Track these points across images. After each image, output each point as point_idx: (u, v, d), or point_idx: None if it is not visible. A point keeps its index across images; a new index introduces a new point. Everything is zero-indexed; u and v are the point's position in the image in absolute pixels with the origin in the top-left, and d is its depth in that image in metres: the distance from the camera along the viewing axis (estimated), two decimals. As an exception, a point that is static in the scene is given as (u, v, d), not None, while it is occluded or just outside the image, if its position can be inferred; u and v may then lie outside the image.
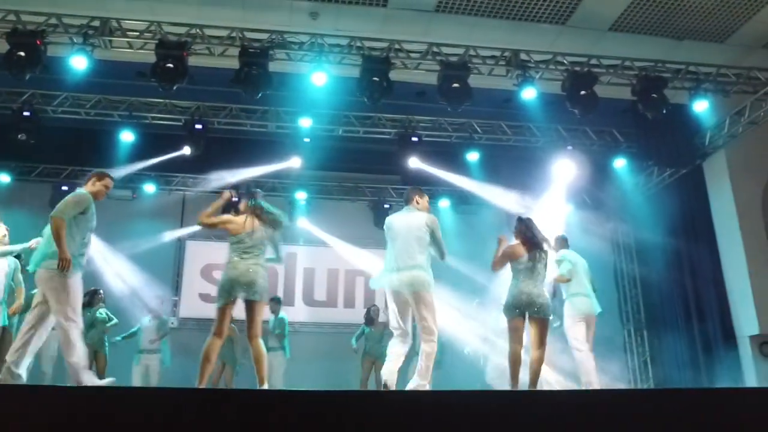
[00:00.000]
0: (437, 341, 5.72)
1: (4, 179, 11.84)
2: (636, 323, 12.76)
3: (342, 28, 9.11)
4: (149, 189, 12.40)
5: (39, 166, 12.00)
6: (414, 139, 11.19)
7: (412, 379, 5.72)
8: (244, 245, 5.63)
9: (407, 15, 8.92)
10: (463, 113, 10.30)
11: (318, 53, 8.95)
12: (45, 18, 8.44)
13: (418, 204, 6.08)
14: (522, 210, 10.26)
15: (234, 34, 8.84)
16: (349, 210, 13.20)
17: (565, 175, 11.53)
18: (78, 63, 8.35)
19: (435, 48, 9.18)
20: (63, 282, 5.30)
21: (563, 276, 7.62)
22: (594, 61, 9.46)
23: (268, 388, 5.53)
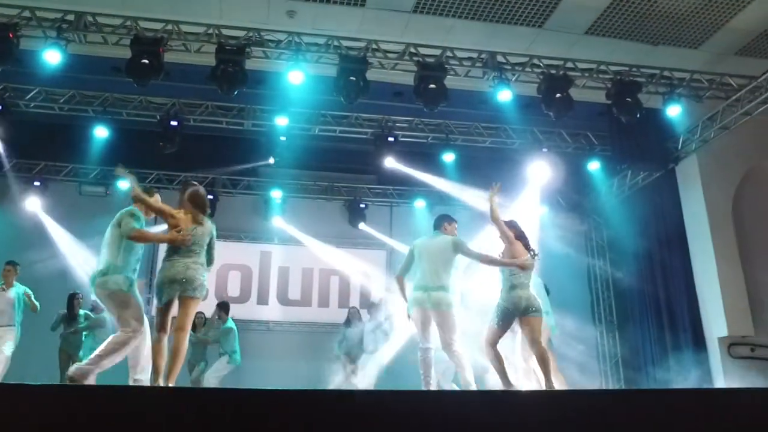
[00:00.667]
0: (461, 355, 6.10)
1: (-27, 174, 11.62)
2: (608, 325, 12.86)
3: (319, 26, 9.08)
4: (123, 186, 12.20)
5: (11, 160, 11.82)
6: (390, 139, 11.20)
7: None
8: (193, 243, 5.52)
9: (385, 15, 8.91)
10: (440, 114, 10.34)
11: (295, 52, 8.94)
12: (18, 11, 8.32)
13: (446, 230, 6.49)
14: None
15: (211, 30, 8.80)
16: (325, 209, 13.15)
17: (540, 177, 11.60)
18: (51, 57, 8.21)
19: (412, 48, 9.21)
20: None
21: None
22: (570, 65, 9.56)
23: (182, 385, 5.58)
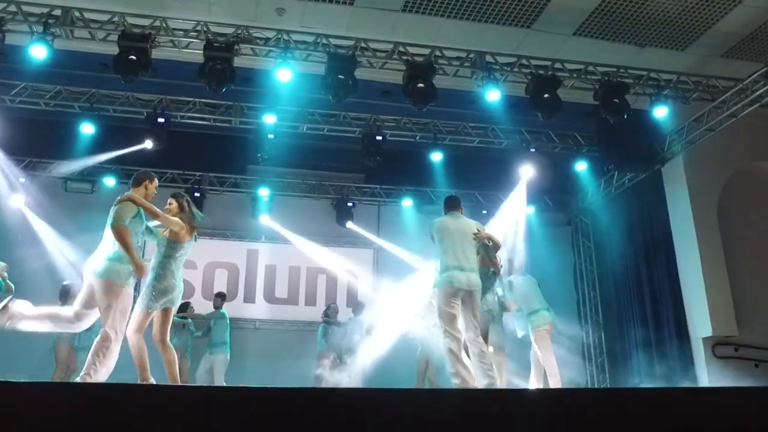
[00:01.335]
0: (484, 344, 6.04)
1: (-42, 169, 11.50)
2: (594, 324, 12.92)
3: (308, 24, 9.06)
4: (109, 182, 12.12)
5: (-5, 156, 11.71)
6: (378, 138, 11.19)
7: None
8: (185, 254, 5.46)
9: (374, 14, 8.91)
10: (428, 113, 10.37)
11: (284, 49, 8.92)
12: (4, 5, 8.24)
13: (462, 213, 6.52)
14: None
15: (199, 27, 8.76)
16: (312, 207, 13.13)
17: (527, 177, 11.63)
18: (37, 52, 8.13)
19: (401, 47, 9.21)
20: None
21: None
22: (558, 65, 9.59)
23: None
